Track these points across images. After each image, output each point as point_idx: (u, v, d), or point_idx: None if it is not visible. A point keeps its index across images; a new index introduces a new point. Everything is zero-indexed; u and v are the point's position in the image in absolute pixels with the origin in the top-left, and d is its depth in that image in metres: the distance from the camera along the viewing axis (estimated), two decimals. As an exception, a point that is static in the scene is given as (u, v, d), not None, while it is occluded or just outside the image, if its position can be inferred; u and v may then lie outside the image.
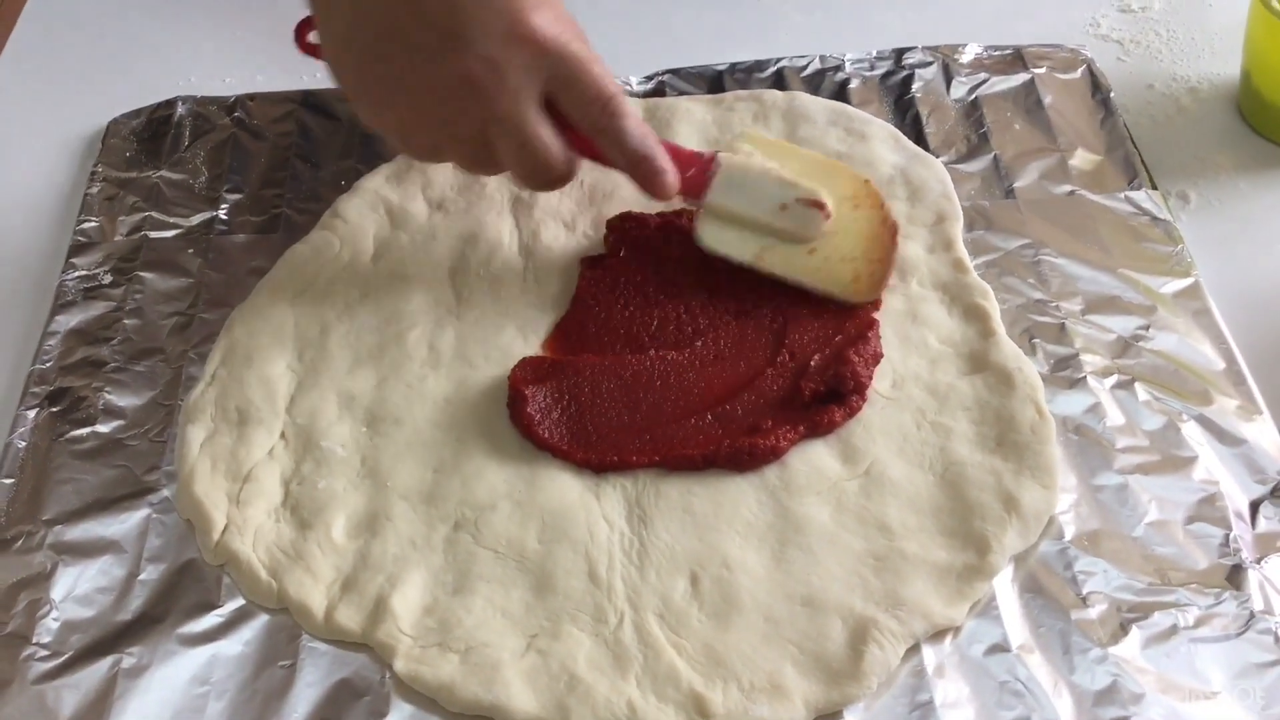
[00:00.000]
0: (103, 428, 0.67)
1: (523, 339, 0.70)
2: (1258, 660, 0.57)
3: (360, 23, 0.64)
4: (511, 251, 0.74)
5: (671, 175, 0.68)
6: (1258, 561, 0.60)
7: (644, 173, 0.67)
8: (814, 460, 0.64)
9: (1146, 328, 0.70)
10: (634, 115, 0.67)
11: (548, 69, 0.63)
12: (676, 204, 0.71)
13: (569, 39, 0.64)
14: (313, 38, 0.70)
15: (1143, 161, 0.79)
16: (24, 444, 0.67)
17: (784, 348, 0.68)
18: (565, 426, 0.65)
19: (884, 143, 0.79)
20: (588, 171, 0.79)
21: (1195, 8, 0.91)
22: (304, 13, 0.69)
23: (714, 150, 0.71)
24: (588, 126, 0.66)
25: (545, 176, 0.67)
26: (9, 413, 0.68)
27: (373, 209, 0.77)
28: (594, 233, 0.75)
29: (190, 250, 0.76)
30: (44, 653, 0.59)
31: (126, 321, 0.72)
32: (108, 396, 0.69)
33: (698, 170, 0.69)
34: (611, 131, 0.66)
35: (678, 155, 0.69)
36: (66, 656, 0.59)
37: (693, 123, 0.81)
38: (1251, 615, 0.59)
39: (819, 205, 0.69)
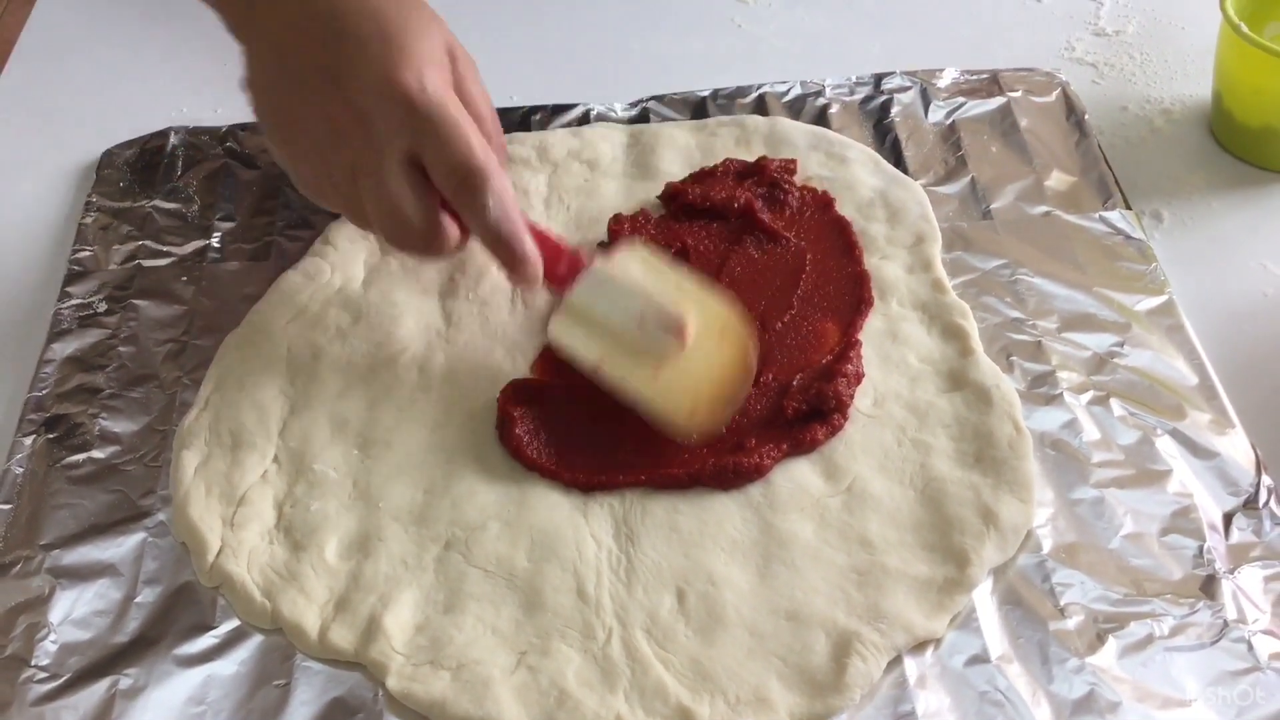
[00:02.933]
0: (98, 453, 0.69)
1: (511, 361, 0.72)
2: (1231, 668, 0.58)
3: (268, 55, 0.66)
4: (500, 276, 0.76)
5: (534, 264, 0.66)
6: (1231, 572, 0.62)
7: (504, 255, 0.65)
8: (797, 477, 0.66)
9: (1121, 344, 0.72)
10: (499, 192, 0.63)
11: (413, 129, 0.62)
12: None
13: (444, 102, 0.62)
14: None
15: (1117, 182, 0.81)
16: (21, 470, 0.68)
17: (767, 368, 0.70)
18: (553, 447, 0.67)
19: (863, 166, 0.81)
20: (574, 196, 0.80)
21: (1168, 32, 0.93)
22: None
23: (592, 251, 0.70)
24: (449, 196, 0.64)
25: (405, 238, 0.65)
26: (6, 440, 0.69)
27: (363, 235, 0.78)
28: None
29: (184, 278, 0.78)
30: (43, 675, 0.60)
31: (121, 349, 0.74)
32: (103, 423, 0.70)
33: (568, 266, 0.68)
34: (470, 207, 0.64)
35: (547, 246, 0.67)
36: (65, 678, 0.60)
37: (677, 148, 0.83)
38: (1225, 624, 0.60)
39: (677, 330, 0.66)
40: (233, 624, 0.62)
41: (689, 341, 0.66)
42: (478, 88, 0.68)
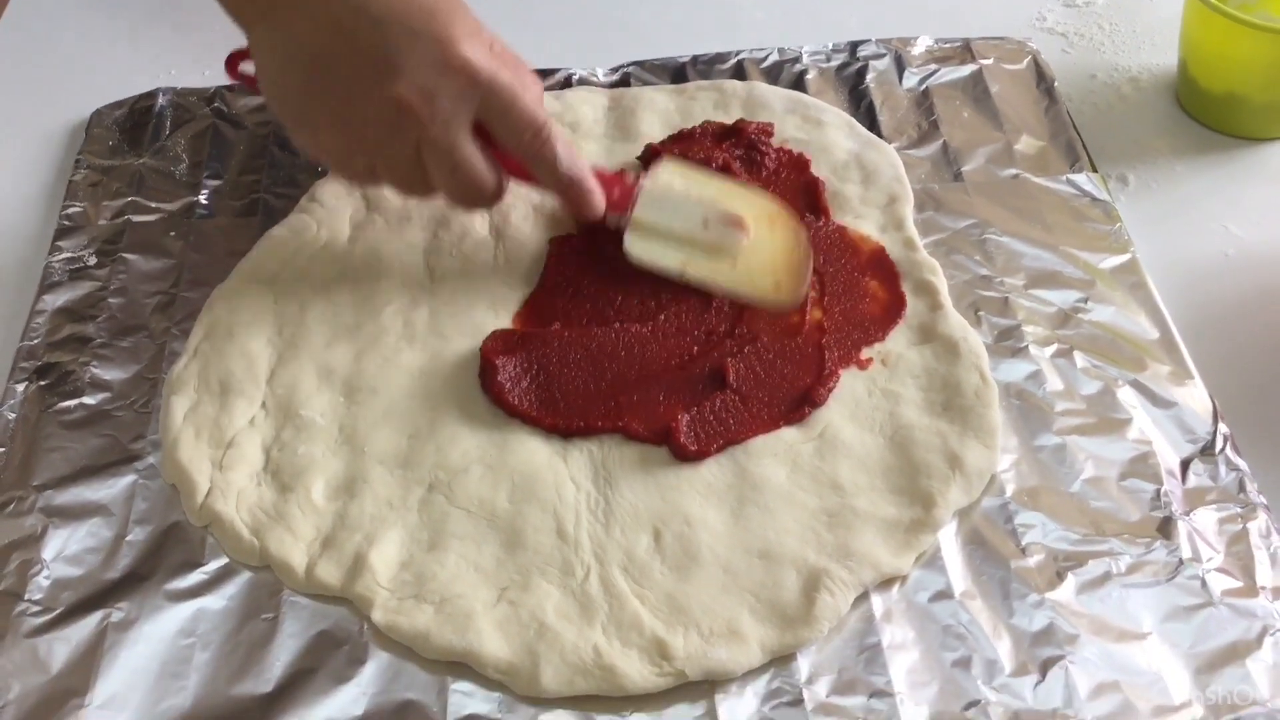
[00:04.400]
0: (89, 399, 0.70)
1: (494, 314, 0.73)
2: (1185, 604, 0.61)
3: (294, 55, 0.66)
4: (482, 233, 0.78)
5: (599, 196, 0.71)
6: (1187, 514, 0.64)
7: (574, 195, 0.71)
8: (771, 424, 0.68)
9: (1085, 300, 0.74)
10: (563, 140, 0.69)
11: (479, 98, 0.66)
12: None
13: (499, 68, 0.66)
14: (245, 67, 0.72)
15: (1084, 146, 0.83)
16: (13, 415, 0.69)
17: (742, 322, 0.72)
18: (534, 394, 0.69)
19: (839, 129, 0.83)
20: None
21: (1135, 3, 0.96)
22: (237, 41, 0.71)
23: (637, 172, 0.75)
24: (521, 153, 0.69)
25: (476, 198, 0.70)
26: (-1, 386, 0.71)
27: (348, 193, 0.80)
28: (562, 214, 0.78)
29: (172, 233, 0.79)
30: (36, 608, 0.62)
31: (111, 300, 0.75)
32: (94, 370, 0.72)
33: (622, 191, 0.73)
34: (543, 158, 0.69)
35: (603, 178, 0.72)
36: (58, 612, 0.62)
37: (656, 111, 0.85)
38: (1180, 562, 0.62)
39: (738, 223, 0.73)
40: (221, 561, 0.64)
41: (750, 231, 0.73)
42: (506, 47, 0.70)
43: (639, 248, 0.73)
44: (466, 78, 0.65)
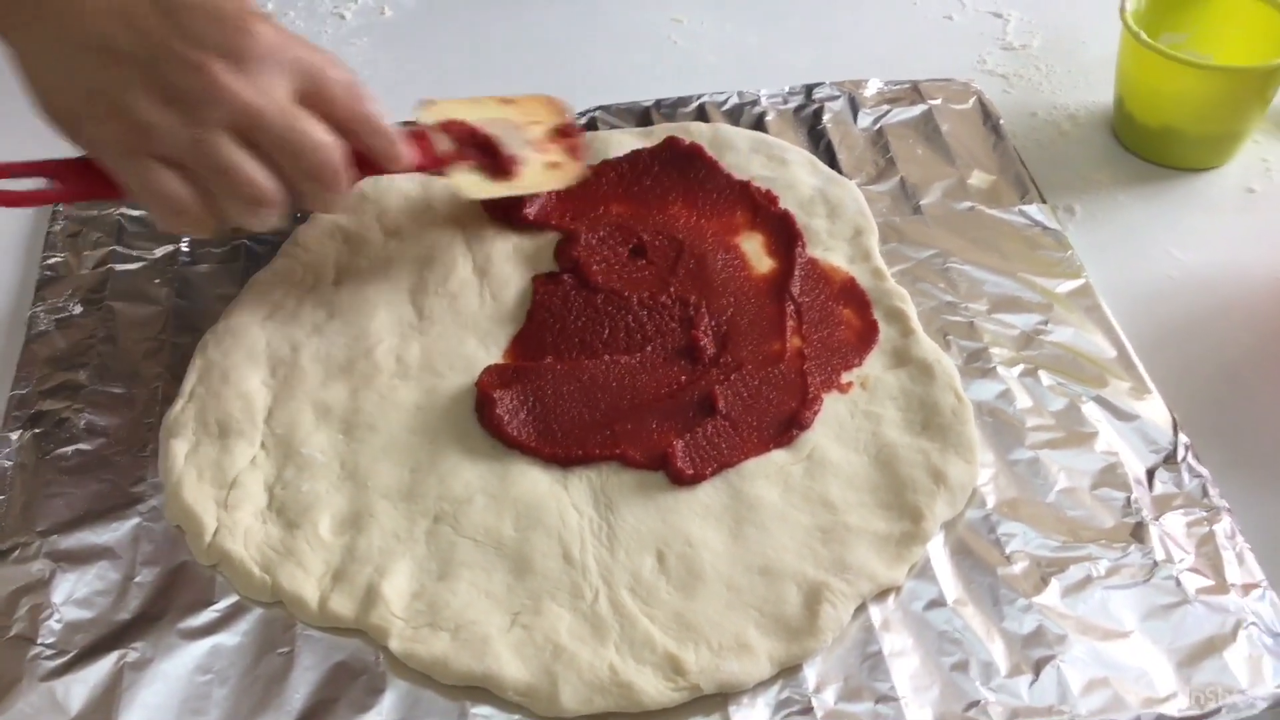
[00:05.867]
0: (86, 445, 0.71)
1: (484, 349, 0.75)
2: (1163, 602, 0.65)
3: (77, 48, 0.63)
4: (466, 271, 0.80)
5: (413, 151, 0.74)
6: (1157, 519, 0.68)
7: (391, 150, 0.72)
8: (761, 448, 0.71)
9: (1045, 323, 0.78)
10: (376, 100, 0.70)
11: (292, 68, 0.66)
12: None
13: (300, 40, 0.67)
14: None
15: (1032, 180, 0.88)
16: (10, 463, 0.69)
17: (726, 352, 0.75)
18: (532, 426, 0.71)
19: (802, 167, 0.87)
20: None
21: (1069, 46, 1.01)
22: None
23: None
24: (342, 117, 0.68)
25: (319, 170, 0.67)
26: (-8, 436, 0.71)
27: (330, 237, 0.81)
28: (545, 252, 0.80)
29: (156, 280, 0.80)
30: (50, 651, 0.62)
31: (101, 348, 0.76)
32: (88, 417, 0.72)
33: (427, 150, 0.77)
34: (367, 117, 0.70)
35: (411, 136, 0.76)
36: (72, 654, 0.62)
37: (624, 151, 0.88)
38: (1155, 564, 0.66)
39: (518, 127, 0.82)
40: (232, 599, 0.65)
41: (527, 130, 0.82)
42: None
43: (471, 187, 0.78)
44: (280, 46, 0.65)
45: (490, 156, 0.79)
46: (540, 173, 0.80)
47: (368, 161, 0.71)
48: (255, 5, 0.66)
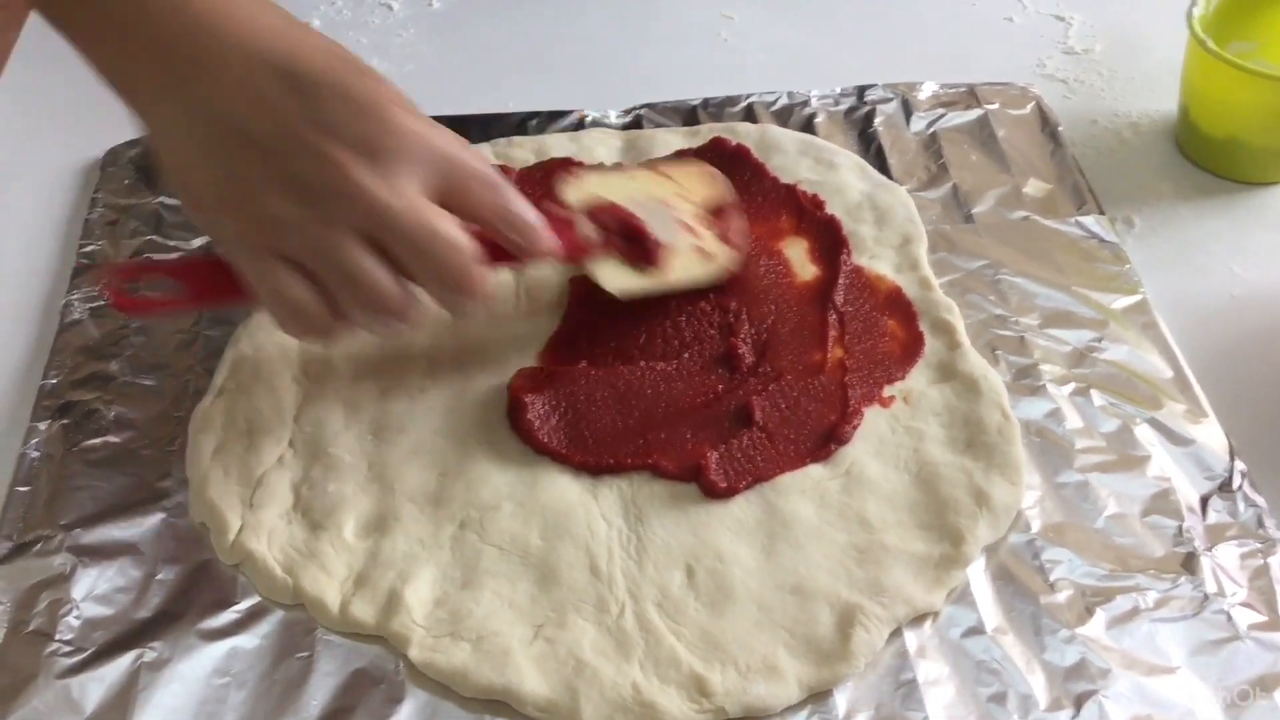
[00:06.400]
0: (114, 438, 0.70)
1: (517, 352, 0.74)
2: (1212, 638, 0.62)
3: (209, 130, 0.60)
4: (503, 271, 0.78)
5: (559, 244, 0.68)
6: (1209, 549, 0.65)
7: (538, 244, 0.66)
8: (797, 462, 0.69)
9: (1099, 340, 0.75)
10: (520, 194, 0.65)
11: (430, 160, 0.61)
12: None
13: (439, 130, 0.62)
14: (144, 289, 0.66)
15: (1090, 190, 0.85)
16: (37, 454, 0.69)
17: (765, 361, 0.73)
18: (563, 432, 0.69)
19: (851, 171, 0.85)
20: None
21: (1133, 51, 0.98)
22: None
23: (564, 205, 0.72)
24: (484, 212, 0.64)
25: (451, 279, 0.62)
26: (21, 425, 0.71)
27: (368, 233, 0.80)
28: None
29: (193, 272, 0.79)
30: (67, 648, 0.61)
31: (133, 339, 0.75)
32: (118, 409, 0.71)
33: (570, 239, 0.70)
34: (510, 214, 0.65)
35: (553, 222, 0.68)
36: (90, 652, 0.61)
37: (670, 151, 0.86)
38: (1205, 597, 0.63)
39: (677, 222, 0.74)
40: (253, 600, 0.64)
41: (685, 213, 0.74)
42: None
43: (613, 279, 0.72)
44: (416, 138, 0.60)
45: (636, 241, 0.72)
46: (689, 262, 0.73)
47: (503, 251, 0.65)
48: (391, 88, 0.61)
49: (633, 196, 0.73)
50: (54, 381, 0.73)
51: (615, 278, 0.72)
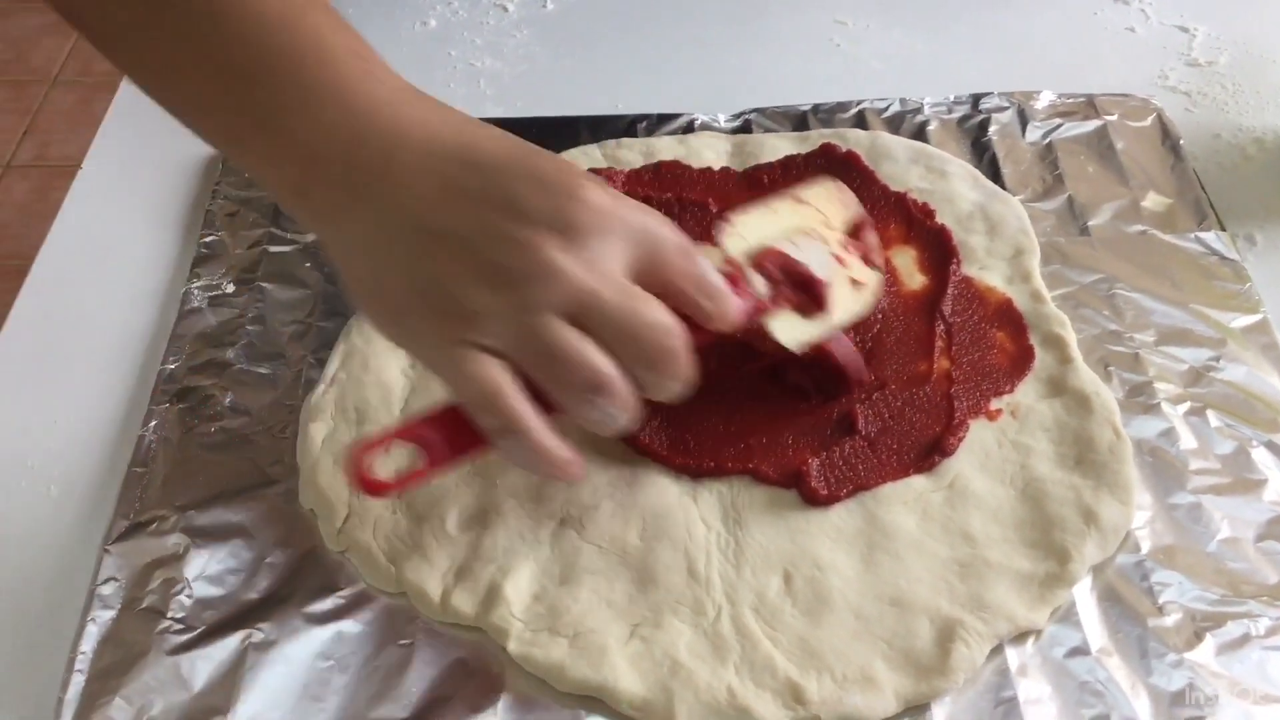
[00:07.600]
0: (229, 423, 0.72)
1: (623, 352, 0.74)
2: (1328, 670, 0.60)
3: (393, 236, 0.57)
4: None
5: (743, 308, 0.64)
6: (1326, 579, 0.63)
7: (729, 316, 0.63)
8: (900, 472, 0.68)
9: (1217, 359, 0.73)
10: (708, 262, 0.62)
11: (631, 237, 0.58)
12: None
13: (629, 202, 0.59)
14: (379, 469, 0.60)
15: (1211, 205, 0.83)
16: (155, 436, 0.71)
17: (869, 369, 0.72)
18: (665, 434, 0.69)
19: (963, 180, 0.84)
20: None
21: (1259, 64, 0.95)
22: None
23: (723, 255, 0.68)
24: (682, 287, 0.60)
25: (662, 362, 0.58)
26: (141, 408, 0.73)
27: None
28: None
29: (308, 264, 0.81)
30: (178, 626, 0.63)
31: (249, 327, 0.77)
32: (233, 395, 0.73)
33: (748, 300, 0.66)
34: (706, 284, 0.61)
35: (732, 282, 0.64)
36: (199, 630, 0.63)
37: (779, 156, 0.85)
38: (1321, 628, 0.61)
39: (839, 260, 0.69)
40: (357, 587, 0.65)
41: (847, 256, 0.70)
42: None
43: (789, 334, 0.67)
44: (609, 212, 0.57)
45: (803, 288, 0.68)
46: (847, 296, 0.69)
47: (692, 324, 0.61)
48: (575, 165, 0.60)
49: (785, 231, 0.69)
50: (173, 367, 0.75)
51: (790, 331, 0.67)
